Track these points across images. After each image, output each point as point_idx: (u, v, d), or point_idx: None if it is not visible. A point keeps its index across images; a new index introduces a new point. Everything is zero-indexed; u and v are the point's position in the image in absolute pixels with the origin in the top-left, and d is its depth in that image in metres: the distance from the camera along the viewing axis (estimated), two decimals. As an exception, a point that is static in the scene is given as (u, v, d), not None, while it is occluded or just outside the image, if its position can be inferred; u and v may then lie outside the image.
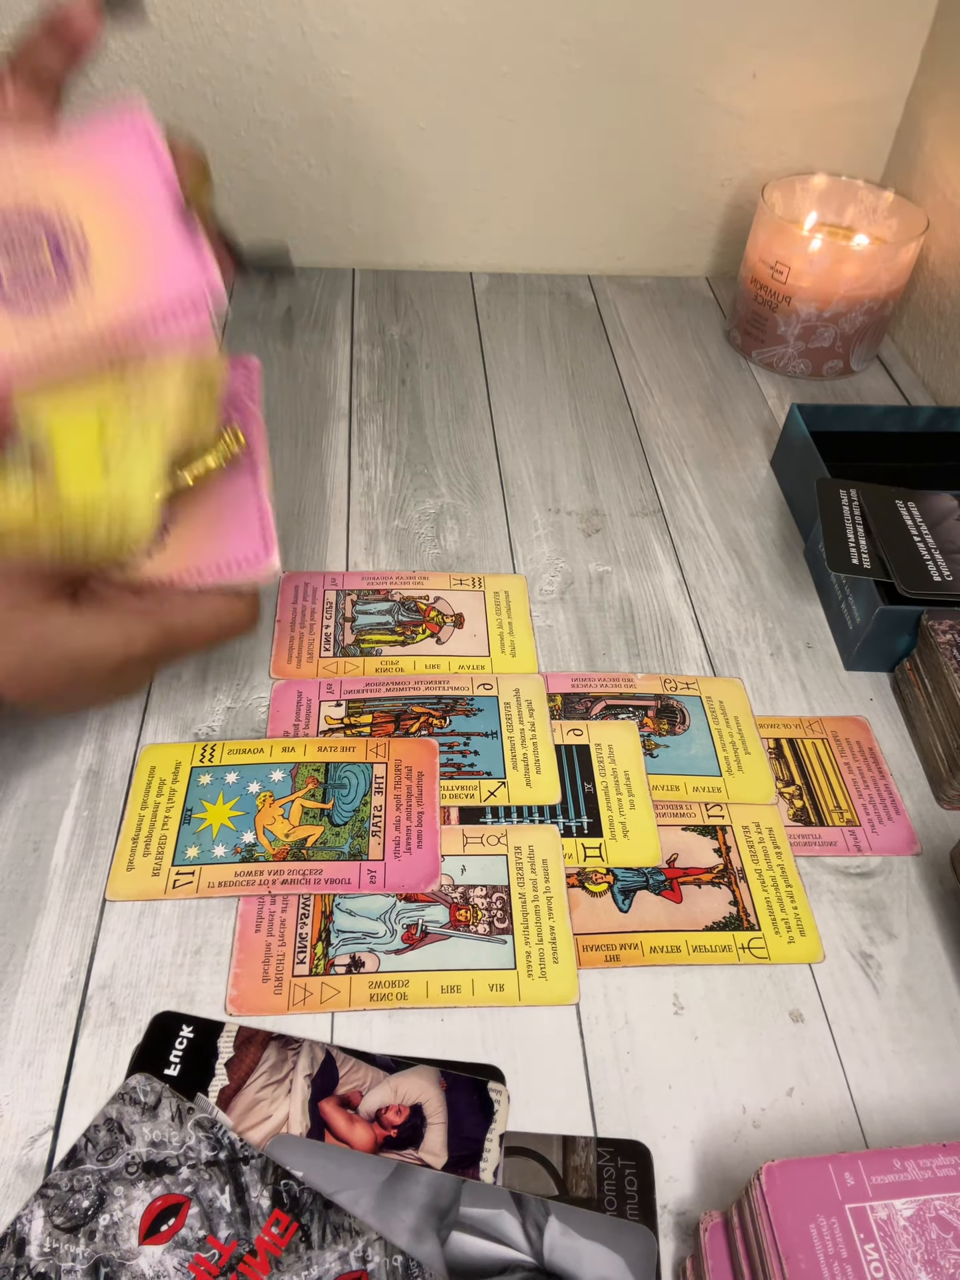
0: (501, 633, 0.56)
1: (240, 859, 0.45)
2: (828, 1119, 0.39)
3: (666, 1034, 0.41)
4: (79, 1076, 0.38)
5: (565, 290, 0.86)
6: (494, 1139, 0.37)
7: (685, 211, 0.86)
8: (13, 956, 0.42)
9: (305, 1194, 0.35)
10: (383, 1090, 0.38)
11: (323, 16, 0.73)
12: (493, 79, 0.77)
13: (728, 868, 0.46)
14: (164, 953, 0.42)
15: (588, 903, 0.45)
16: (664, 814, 0.48)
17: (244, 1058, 0.39)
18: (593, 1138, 0.38)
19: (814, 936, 0.44)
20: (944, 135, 0.76)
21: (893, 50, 0.78)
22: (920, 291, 0.79)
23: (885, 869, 0.47)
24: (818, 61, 0.78)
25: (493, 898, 0.44)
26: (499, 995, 0.41)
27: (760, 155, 0.83)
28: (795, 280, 0.73)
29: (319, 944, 0.42)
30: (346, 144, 0.79)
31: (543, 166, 0.82)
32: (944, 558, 0.55)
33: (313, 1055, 0.39)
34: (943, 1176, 0.32)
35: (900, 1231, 0.30)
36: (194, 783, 0.48)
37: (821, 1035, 0.41)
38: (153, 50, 0.73)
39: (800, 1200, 0.31)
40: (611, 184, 0.83)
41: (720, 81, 0.78)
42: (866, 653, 0.55)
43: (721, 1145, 0.38)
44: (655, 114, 0.80)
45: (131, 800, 0.47)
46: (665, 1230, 0.36)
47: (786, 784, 0.50)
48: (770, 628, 0.58)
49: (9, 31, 0.71)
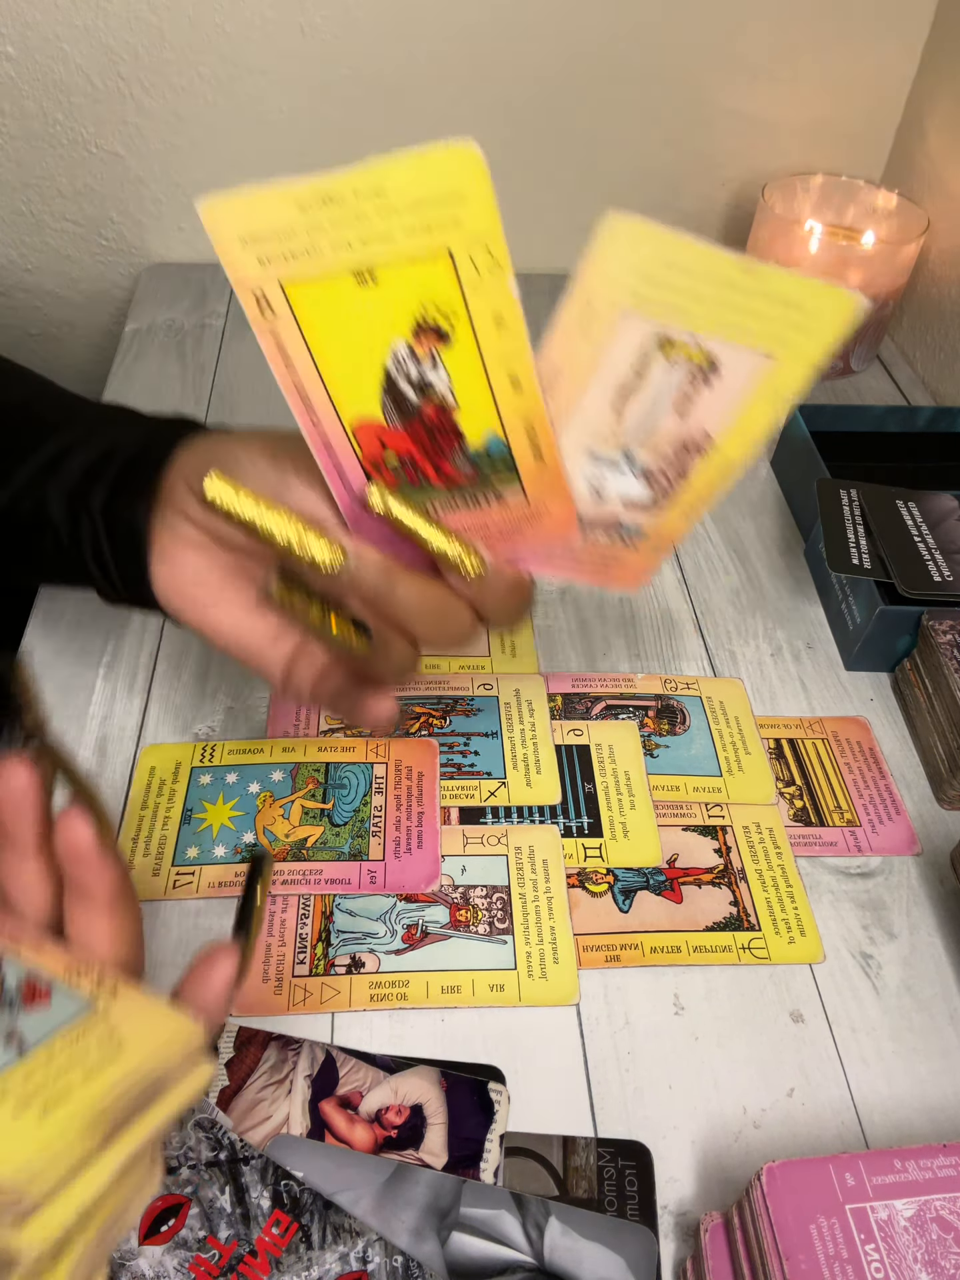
0: (502, 632, 0.56)
1: (241, 859, 0.45)
2: (828, 1119, 0.39)
3: (667, 1034, 0.41)
4: (79, 1077, 0.38)
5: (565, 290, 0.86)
6: (494, 1139, 0.37)
7: (686, 211, 0.86)
8: (13, 957, 0.41)
9: (306, 1194, 0.35)
10: (383, 1091, 0.38)
11: (323, 16, 0.73)
12: (492, 78, 0.77)
13: (728, 868, 0.46)
14: (164, 953, 0.42)
15: (588, 903, 0.45)
16: (664, 814, 0.48)
17: (244, 1058, 0.39)
18: (593, 1138, 0.38)
19: (814, 937, 0.44)
20: (944, 135, 0.76)
21: (893, 50, 0.78)
22: (920, 291, 0.79)
23: (885, 869, 0.47)
24: (818, 61, 0.78)
25: (493, 898, 0.44)
26: (499, 995, 0.41)
27: (761, 155, 0.83)
28: (795, 280, 0.73)
29: (319, 944, 0.42)
30: (346, 144, 0.79)
31: (543, 166, 0.82)
32: (944, 558, 0.55)
33: (313, 1056, 0.39)
34: (943, 1177, 0.32)
35: (901, 1232, 0.30)
36: (194, 783, 0.48)
37: (822, 1035, 0.41)
38: (153, 50, 0.73)
39: (801, 1201, 0.31)
40: (612, 184, 0.83)
41: (721, 82, 0.78)
42: (867, 653, 0.55)
43: (722, 1146, 0.38)
44: (656, 114, 0.80)
45: (131, 800, 0.47)
46: (666, 1231, 0.36)
47: (787, 784, 0.50)
48: (770, 628, 0.58)
49: (8, 31, 0.72)
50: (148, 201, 0.81)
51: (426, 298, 0.27)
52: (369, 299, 0.27)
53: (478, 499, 0.32)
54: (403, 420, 0.30)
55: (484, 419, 0.30)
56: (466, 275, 0.27)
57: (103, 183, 0.80)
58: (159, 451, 0.37)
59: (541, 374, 0.30)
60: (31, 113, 0.76)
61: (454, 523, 0.33)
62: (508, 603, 0.35)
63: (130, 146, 0.78)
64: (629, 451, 0.32)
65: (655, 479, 0.32)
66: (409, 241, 0.26)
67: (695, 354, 0.29)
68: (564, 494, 0.33)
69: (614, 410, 0.31)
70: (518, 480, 0.32)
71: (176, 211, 0.82)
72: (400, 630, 0.34)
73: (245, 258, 0.27)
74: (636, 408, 0.31)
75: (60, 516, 0.38)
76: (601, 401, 0.31)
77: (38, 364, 0.91)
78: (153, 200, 0.81)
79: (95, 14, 0.71)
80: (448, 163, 0.24)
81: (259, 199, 0.26)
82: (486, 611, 0.35)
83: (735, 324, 0.28)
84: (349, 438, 0.31)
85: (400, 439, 0.31)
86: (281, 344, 0.29)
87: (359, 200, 0.25)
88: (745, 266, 0.27)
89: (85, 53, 0.73)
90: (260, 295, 0.27)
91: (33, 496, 0.39)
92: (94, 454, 0.38)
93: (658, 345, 0.29)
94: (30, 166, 0.78)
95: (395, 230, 0.26)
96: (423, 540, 0.32)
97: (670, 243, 0.27)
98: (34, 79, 0.74)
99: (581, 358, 0.29)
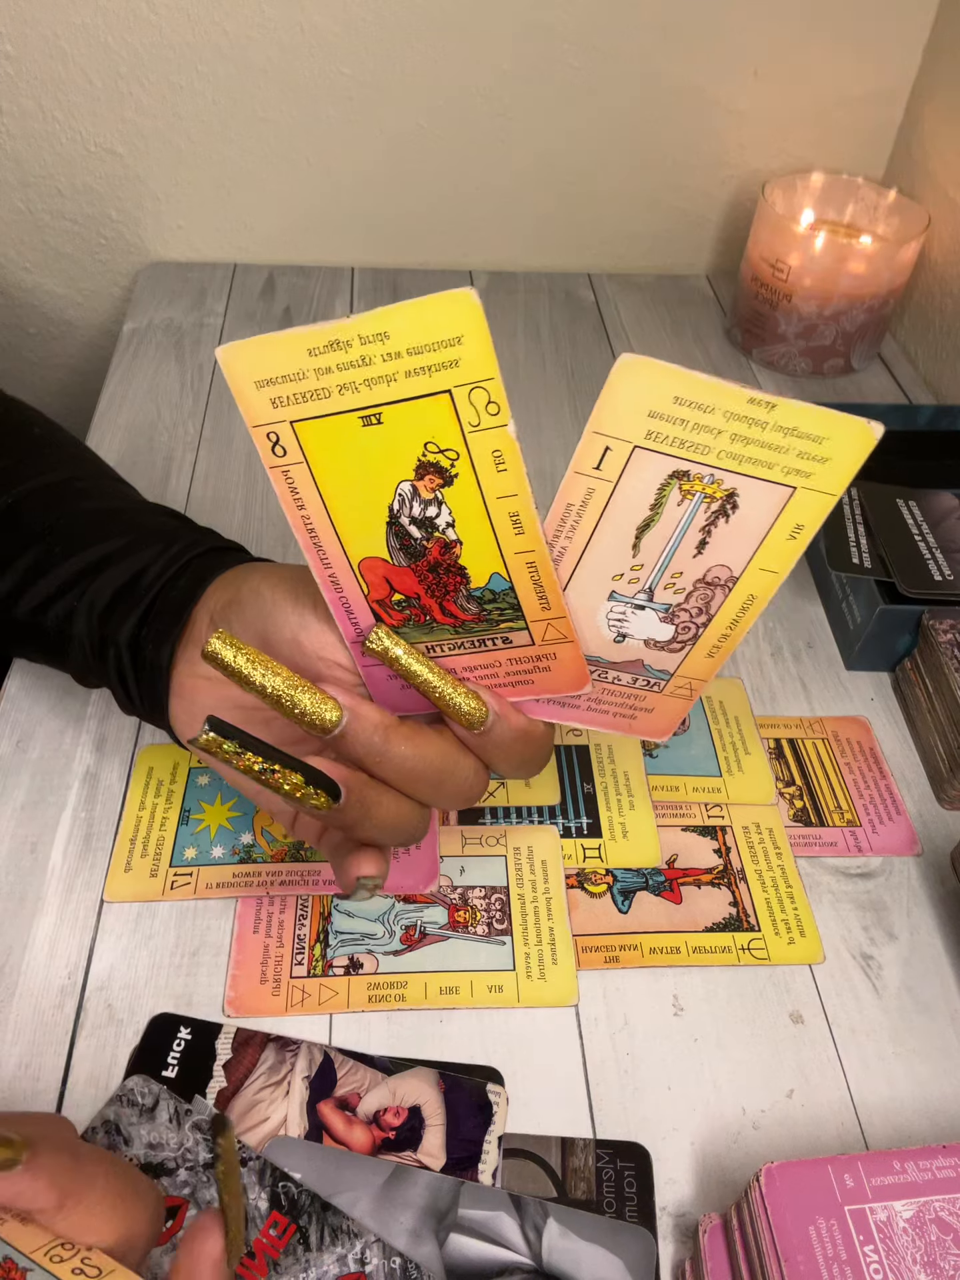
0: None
1: (238, 860, 0.45)
2: (828, 1120, 0.39)
3: (666, 1035, 0.41)
4: (76, 1078, 0.38)
5: (565, 288, 0.86)
6: (493, 1141, 0.37)
7: (686, 209, 0.85)
8: (10, 958, 0.41)
9: (303, 1196, 0.35)
10: (381, 1092, 0.38)
11: (322, 15, 0.72)
12: (493, 77, 0.76)
13: (727, 868, 0.46)
14: (162, 954, 0.42)
15: (587, 904, 0.45)
16: (663, 815, 0.48)
17: (242, 1059, 0.39)
18: (592, 1139, 0.38)
19: (814, 937, 0.44)
20: (945, 133, 0.76)
21: (894, 47, 0.77)
22: (922, 289, 0.79)
23: (886, 869, 0.47)
24: (819, 59, 0.77)
25: (491, 899, 0.44)
26: (498, 996, 0.41)
27: (761, 153, 0.83)
28: (796, 278, 0.73)
29: (317, 945, 0.42)
30: (346, 143, 0.79)
31: (542, 165, 0.82)
32: (945, 557, 0.55)
33: (311, 1057, 0.39)
34: (942, 1178, 0.32)
35: (900, 1233, 0.30)
36: (192, 784, 0.48)
37: (822, 1036, 0.41)
38: (152, 50, 0.73)
39: (800, 1202, 0.31)
40: (611, 182, 0.83)
41: (721, 79, 0.78)
42: (867, 652, 0.55)
43: (721, 1147, 0.38)
44: (656, 112, 0.79)
45: (129, 801, 0.47)
46: (664, 1232, 0.36)
47: (787, 784, 0.50)
48: (771, 627, 0.58)
49: (7, 30, 0.71)
50: (146, 200, 0.81)
51: (429, 437, 0.28)
52: (375, 439, 0.28)
53: (484, 642, 0.33)
54: (408, 559, 0.31)
55: (488, 558, 0.31)
56: (466, 415, 0.28)
57: (101, 181, 0.80)
58: (189, 589, 0.38)
59: (556, 514, 0.30)
60: (30, 111, 0.76)
61: (461, 666, 0.33)
62: (517, 753, 0.34)
63: (129, 145, 0.78)
64: (650, 589, 0.32)
65: (678, 618, 0.32)
66: (411, 384, 0.27)
67: (713, 489, 0.29)
68: (571, 638, 0.32)
69: (632, 548, 0.31)
70: (523, 621, 0.32)
71: (175, 210, 0.82)
72: (399, 790, 0.33)
73: (259, 400, 0.28)
74: (655, 544, 0.31)
75: (86, 634, 0.40)
76: (619, 539, 0.31)
77: (36, 363, 0.92)
78: (151, 199, 0.81)
79: (94, 12, 0.71)
80: (447, 308, 0.26)
81: (272, 344, 0.27)
82: (493, 762, 0.34)
83: (752, 458, 0.29)
84: (356, 576, 0.31)
85: (406, 578, 0.31)
86: (293, 483, 0.30)
87: (364, 346, 0.27)
88: (760, 400, 0.28)
89: (84, 51, 0.73)
90: (273, 436, 0.29)
91: (61, 607, 0.40)
92: (125, 575, 0.39)
93: (674, 481, 0.29)
94: (29, 165, 0.78)
95: (398, 373, 0.27)
96: (423, 685, 0.32)
97: (683, 379, 0.27)
98: (33, 77, 0.74)
99: (598, 495, 0.30)
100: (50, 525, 0.42)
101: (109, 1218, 0.26)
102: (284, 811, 0.37)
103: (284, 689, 0.30)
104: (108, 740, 0.49)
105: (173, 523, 0.43)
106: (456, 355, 0.27)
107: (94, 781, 0.47)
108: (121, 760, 0.48)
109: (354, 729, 0.31)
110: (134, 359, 0.75)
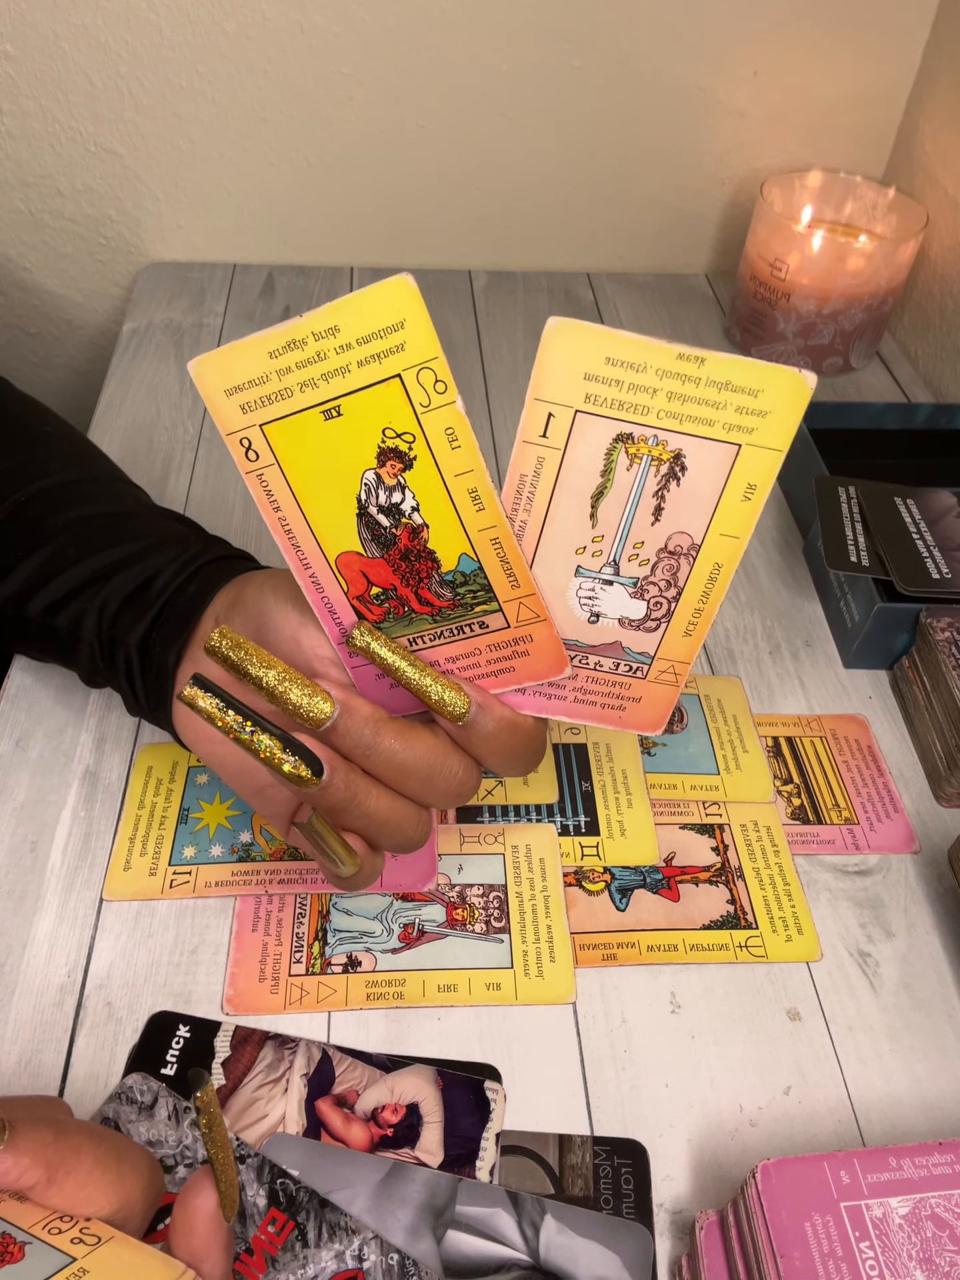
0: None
1: (237, 858, 0.45)
2: (825, 1117, 0.39)
3: (663, 1033, 0.41)
4: (76, 1076, 0.38)
5: (564, 288, 0.86)
6: (490, 1138, 0.37)
7: (685, 209, 0.85)
8: (9, 956, 0.42)
9: (301, 1193, 0.35)
10: (379, 1089, 0.38)
11: (322, 15, 0.73)
12: (492, 77, 0.76)
13: (725, 866, 0.46)
14: (161, 952, 0.42)
15: (585, 901, 0.45)
16: (661, 813, 0.48)
17: (240, 1057, 0.39)
18: (589, 1136, 0.38)
19: (812, 935, 0.44)
20: (945, 132, 0.76)
21: (894, 47, 0.77)
22: (921, 288, 0.79)
23: (883, 867, 0.47)
24: (818, 58, 0.77)
25: (490, 897, 0.44)
26: (496, 994, 0.41)
27: (760, 152, 0.83)
28: (794, 277, 0.73)
29: (315, 943, 0.42)
30: (346, 143, 0.79)
31: (542, 164, 0.82)
32: (943, 555, 0.55)
33: (309, 1054, 0.39)
34: (939, 1175, 0.32)
35: (896, 1230, 0.30)
36: (191, 782, 0.48)
37: (819, 1034, 0.41)
38: (152, 49, 0.73)
39: (796, 1198, 0.31)
40: (611, 181, 0.83)
41: (720, 79, 0.78)
42: (865, 651, 0.55)
43: (718, 1144, 0.38)
44: (655, 112, 0.79)
45: (128, 800, 0.47)
46: (661, 1229, 0.36)
47: (785, 782, 0.50)
48: (769, 626, 0.58)
49: (7, 30, 0.72)
50: (146, 200, 0.81)
51: (386, 422, 0.29)
52: (337, 432, 0.30)
53: (462, 629, 0.33)
54: (380, 549, 0.32)
55: (454, 539, 0.31)
56: (417, 396, 0.29)
57: (101, 181, 0.80)
58: (198, 595, 0.39)
59: (511, 486, 0.31)
60: (30, 111, 0.76)
61: (444, 658, 0.34)
62: (504, 745, 0.34)
63: (129, 145, 0.78)
64: (615, 561, 0.32)
65: (648, 592, 0.33)
66: (364, 373, 0.29)
67: (659, 450, 0.30)
68: (544, 616, 0.33)
69: (590, 518, 0.31)
70: (496, 603, 0.32)
71: (175, 210, 0.82)
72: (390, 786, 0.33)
73: (230, 408, 0.30)
74: (612, 513, 0.31)
75: (96, 636, 0.41)
76: (576, 509, 0.31)
77: (36, 363, 0.92)
78: (151, 199, 0.81)
79: (94, 12, 0.71)
80: (388, 295, 0.27)
81: (235, 351, 0.29)
82: (483, 757, 0.34)
83: (692, 415, 0.29)
84: (335, 574, 0.32)
85: (380, 569, 0.32)
86: (268, 486, 0.31)
87: (318, 342, 0.28)
88: (689, 355, 0.28)
89: (84, 51, 0.73)
90: (246, 442, 0.30)
91: (74, 609, 0.41)
92: (137, 581, 0.41)
93: (619, 445, 0.30)
94: (29, 165, 0.78)
95: (351, 364, 0.28)
96: (405, 678, 0.32)
97: (610, 339, 0.28)
98: (33, 77, 0.74)
99: (548, 464, 0.30)
100: (63, 526, 0.42)
101: (102, 1188, 0.26)
102: (279, 815, 0.37)
103: (279, 682, 0.31)
104: (107, 739, 0.49)
105: (183, 529, 0.44)
106: (401, 339, 0.28)
107: (93, 780, 0.48)
108: (121, 759, 0.48)
109: (345, 722, 0.32)
110: (134, 359, 0.75)
